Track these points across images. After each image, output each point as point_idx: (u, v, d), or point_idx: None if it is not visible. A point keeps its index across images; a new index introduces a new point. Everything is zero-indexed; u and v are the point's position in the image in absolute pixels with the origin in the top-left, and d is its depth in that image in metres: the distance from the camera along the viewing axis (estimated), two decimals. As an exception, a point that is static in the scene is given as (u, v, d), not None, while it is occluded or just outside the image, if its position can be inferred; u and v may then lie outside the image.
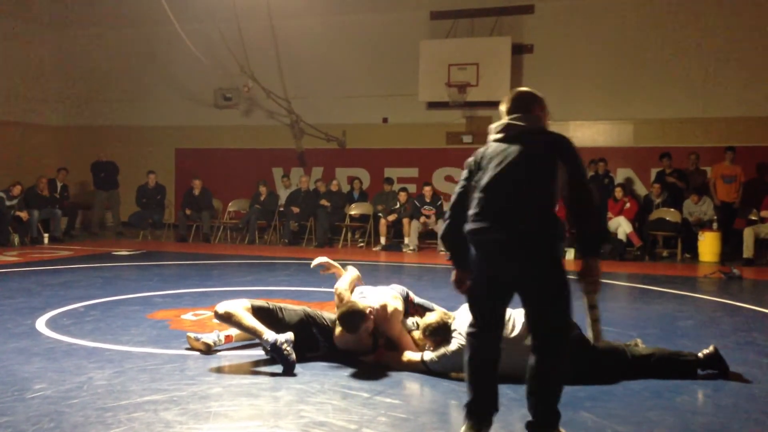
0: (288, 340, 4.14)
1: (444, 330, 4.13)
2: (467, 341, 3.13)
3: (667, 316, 6.22)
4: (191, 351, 4.57)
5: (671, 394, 3.82)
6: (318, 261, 5.00)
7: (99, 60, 15.60)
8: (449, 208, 3.22)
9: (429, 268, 9.70)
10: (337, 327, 4.36)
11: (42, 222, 12.35)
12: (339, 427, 3.24)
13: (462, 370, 3.99)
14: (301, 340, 4.29)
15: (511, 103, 3.18)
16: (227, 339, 4.69)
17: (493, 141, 3.14)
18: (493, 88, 12.27)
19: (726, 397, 3.78)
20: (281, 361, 4.11)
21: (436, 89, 12.68)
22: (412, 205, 12.11)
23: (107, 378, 3.96)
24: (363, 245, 12.50)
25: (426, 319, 4.24)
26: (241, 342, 4.74)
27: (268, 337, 4.16)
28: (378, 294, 4.54)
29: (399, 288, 4.73)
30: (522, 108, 3.13)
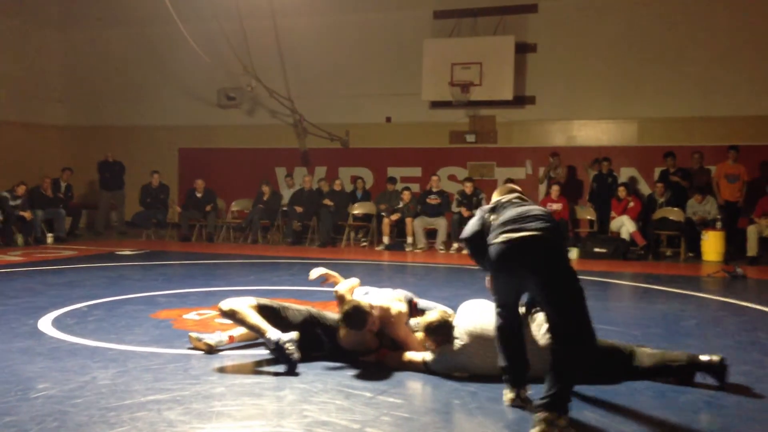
0: (292, 339, 4.13)
1: (445, 329, 4.08)
2: (497, 314, 3.59)
3: (671, 315, 6.21)
4: (194, 350, 4.57)
5: (675, 393, 3.81)
6: (317, 272, 4.85)
7: (102, 60, 15.63)
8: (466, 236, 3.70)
9: (432, 267, 9.70)
10: (342, 327, 4.35)
11: (46, 222, 12.39)
12: (342, 427, 3.24)
13: (463, 370, 4.01)
14: (306, 340, 4.27)
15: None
16: (230, 340, 4.68)
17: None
18: (497, 87, 12.28)
19: (730, 397, 3.77)
20: (283, 360, 4.11)
21: (439, 88, 12.66)
22: (415, 203, 12.09)
23: (111, 377, 3.97)
24: (366, 245, 12.50)
25: (426, 318, 4.18)
26: (244, 342, 4.73)
27: (271, 336, 4.15)
28: (382, 295, 4.53)
29: (403, 292, 4.71)
30: None
